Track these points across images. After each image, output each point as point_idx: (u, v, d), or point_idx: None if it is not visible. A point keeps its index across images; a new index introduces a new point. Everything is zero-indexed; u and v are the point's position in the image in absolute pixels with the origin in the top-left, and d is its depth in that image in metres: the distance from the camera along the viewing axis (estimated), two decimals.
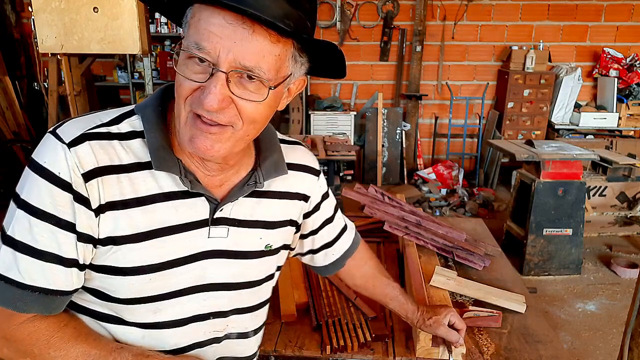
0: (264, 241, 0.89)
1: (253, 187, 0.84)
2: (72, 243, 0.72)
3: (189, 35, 0.69)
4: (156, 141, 0.75)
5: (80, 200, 0.71)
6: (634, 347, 1.55)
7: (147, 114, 0.77)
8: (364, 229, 2.09)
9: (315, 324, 1.39)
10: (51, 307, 0.74)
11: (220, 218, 0.82)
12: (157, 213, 0.76)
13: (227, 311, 0.89)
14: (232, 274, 0.86)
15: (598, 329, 3.03)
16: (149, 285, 0.78)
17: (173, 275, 0.79)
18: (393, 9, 5.71)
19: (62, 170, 0.70)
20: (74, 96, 3.70)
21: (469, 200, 5.06)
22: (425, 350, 1.25)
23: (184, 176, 0.77)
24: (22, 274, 0.70)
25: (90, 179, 0.72)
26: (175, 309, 0.82)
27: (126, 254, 0.75)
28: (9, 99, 5.26)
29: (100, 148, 0.73)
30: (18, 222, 0.70)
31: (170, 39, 5.82)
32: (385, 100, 5.90)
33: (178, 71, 0.70)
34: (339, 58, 0.74)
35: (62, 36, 3.28)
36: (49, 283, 0.72)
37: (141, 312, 0.80)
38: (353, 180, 5.69)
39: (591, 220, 4.02)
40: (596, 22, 5.69)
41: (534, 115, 5.60)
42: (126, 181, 0.74)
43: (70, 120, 0.75)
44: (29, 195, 0.70)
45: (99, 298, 0.79)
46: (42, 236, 0.70)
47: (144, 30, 3.35)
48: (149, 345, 0.83)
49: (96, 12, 3.23)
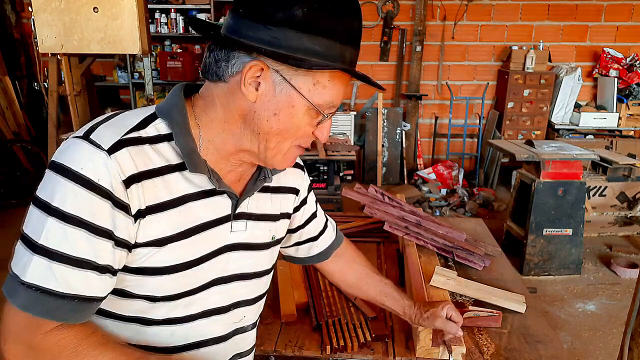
0: (272, 233, 0.96)
1: (263, 182, 0.91)
2: (108, 250, 0.73)
3: (324, 94, 0.78)
4: (187, 146, 0.79)
5: (120, 207, 0.72)
6: (634, 347, 1.55)
7: (174, 118, 0.80)
8: (364, 229, 2.09)
9: (315, 324, 1.39)
10: (87, 314, 0.75)
11: (241, 213, 0.88)
12: (191, 212, 0.80)
13: (241, 301, 0.94)
14: (248, 265, 0.92)
15: (598, 329, 3.03)
16: (183, 280, 0.82)
17: (202, 269, 0.84)
18: (393, 9, 5.71)
19: (102, 177, 0.70)
20: (74, 96, 3.70)
21: (469, 200, 5.06)
22: (425, 350, 1.25)
23: (212, 176, 0.81)
24: (60, 283, 0.70)
25: (131, 184, 0.73)
26: (202, 302, 0.87)
27: (166, 253, 0.78)
28: (9, 99, 5.26)
29: (137, 154, 0.74)
30: (51, 231, 0.69)
31: (170, 39, 5.83)
32: (385, 100, 5.90)
33: (306, 117, 0.79)
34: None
35: (62, 36, 3.28)
36: (86, 290, 0.72)
37: (172, 308, 0.83)
38: (353, 180, 5.69)
39: (591, 220, 4.02)
40: (596, 22, 5.69)
41: (534, 115, 5.60)
42: (160, 184, 0.77)
43: (99, 125, 0.75)
44: (63, 203, 0.69)
45: (133, 298, 0.80)
46: (78, 244, 0.70)
47: (144, 30, 3.35)
48: (178, 341, 0.86)
49: (96, 12, 3.23)
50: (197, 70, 5.78)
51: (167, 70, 5.59)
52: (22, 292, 0.69)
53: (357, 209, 2.10)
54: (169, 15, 5.67)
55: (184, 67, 5.57)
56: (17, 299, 0.70)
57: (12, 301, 0.70)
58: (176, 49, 5.85)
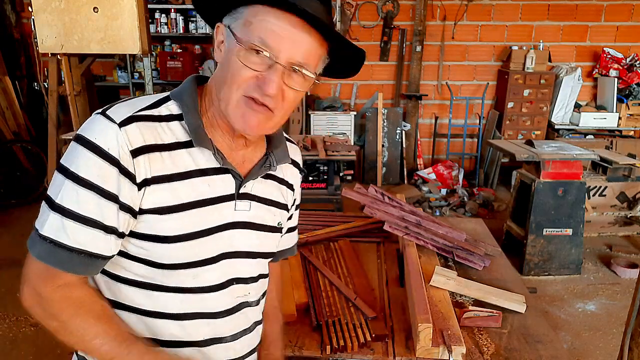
0: (277, 218, 1.01)
1: (268, 169, 0.97)
2: (113, 212, 0.80)
3: (251, 30, 0.80)
4: (194, 122, 0.87)
5: (126, 174, 0.80)
6: (634, 347, 1.55)
7: (184, 100, 0.88)
8: (364, 229, 2.09)
9: (315, 324, 1.39)
10: (94, 269, 0.83)
11: (244, 193, 0.93)
12: (195, 186, 0.86)
13: (248, 278, 0.98)
14: (253, 244, 0.97)
15: (598, 329, 3.03)
16: (188, 251, 0.87)
17: (206, 242, 0.88)
18: (393, 9, 5.71)
19: (112, 146, 0.79)
20: (74, 96, 3.70)
21: (469, 200, 5.06)
22: (425, 350, 1.26)
23: (217, 153, 0.88)
24: (70, 238, 0.79)
25: (138, 155, 0.81)
26: (210, 275, 0.91)
27: (169, 222, 0.84)
28: (9, 99, 5.26)
29: (146, 128, 0.83)
30: (66, 192, 0.78)
31: (170, 39, 5.83)
32: (385, 100, 5.90)
33: (239, 59, 0.80)
34: (360, 62, 0.91)
35: (62, 36, 3.28)
36: (93, 247, 0.80)
37: (181, 278, 0.88)
38: (353, 180, 5.69)
39: (591, 220, 4.02)
40: (596, 22, 5.69)
41: (534, 115, 5.60)
42: (168, 158, 0.84)
43: (116, 104, 0.85)
44: (77, 168, 0.78)
45: (144, 264, 0.87)
46: (88, 205, 0.79)
47: (144, 30, 3.35)
48: (187, 309, 0.90)
49: (96, 12, 3.23)
50: (197, 70, 5.78)
51: (167, 70, 5.59)
52: (39, 243, 0.79)
53: (357, 209, 2.10)
54: (169, 15, 5.67)
55: (184, 67, 5.57)
56: (35, 249, 0.80)
57: (31, 251, 0.80)
58: (176, 49, 5.86)
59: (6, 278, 3.46)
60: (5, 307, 3.11)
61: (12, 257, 3.71)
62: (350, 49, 0.87)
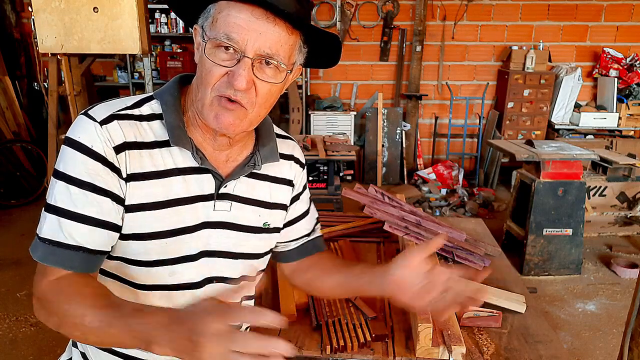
0: (262, 219, 0.99)
1: (252, 169, 0.95)
2: (107, 206, 0.82)
3: (217, 27, 0.80)
4: (173, 121, 0.87)
5: (113, 169, 0.82)
6: (634, 347, 1.55)
7: (165, 99, 0.89)
8: (364, 229, 2.09)
9: (315, 324, 1.39)
10: (94, 265, 0.84)
11: (225, 194, 0.93)
12: (172, 186, 0.87)
13: (229, 278, 0.97)
14: (232, 244, 0.96)
15: (598, 329, 3.03)
16: (164, 248, 0.88)
17: (183, 241, 0.89)
18: (393, 9, 5.71)
19: (95, 143, 0.81)
20: (74, 96, 3.70)
21: (469, 200, 5.06)
22: (425, 350, 1.25)
23: (195, 153, 0.88)
24: (67, 236, 0.80)
25: (120, 151, 0.83)
26: (186, 273, 0.92)
27: (146, 220, 0.86)
28: (9, 99, 5.26)
29: (127, 126, 0.84)
30: (59, 192, 0.81)
31: (170, 39, 5.83)
32: (385, 100, 5.90)
33: (208, 57, 0.80)
34: (337, 49, 0.90)
35: (62, 36, 3.28)
36: (90, 243, 0.82)
37: (159, 275, 0.89)
38: (353, 180, 5.69)
39: (591, 220, 4.02)
40: (596, 22, 5.69)
41: (534, 115, 5.60)
42: (147, 156, 0.85)
43: (98, 104, 0.87)
44: (66, 167, 0.81)
45: (120, 261, 0.88)
46: (81, 201, 0.80)
47: (144, 30, 3.35)
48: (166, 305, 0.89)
49: (96, 12, 3.23)
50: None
51: (167, 70, 5.59)
52: (40, 246, 0.81)
53: (357, 209, 2.10)
54: (169, 15, 5.67)
55: (184, 67, 5.57)
56: (37, 253, 0.81)
57: (34, 255, 0.81)
58: (176, 49, 5.86)
59: (6, 278, 3.46)
60: (5, 307, 3.11)
61: (12, 257, 3.72)
62: (324, 37, 0.86)
